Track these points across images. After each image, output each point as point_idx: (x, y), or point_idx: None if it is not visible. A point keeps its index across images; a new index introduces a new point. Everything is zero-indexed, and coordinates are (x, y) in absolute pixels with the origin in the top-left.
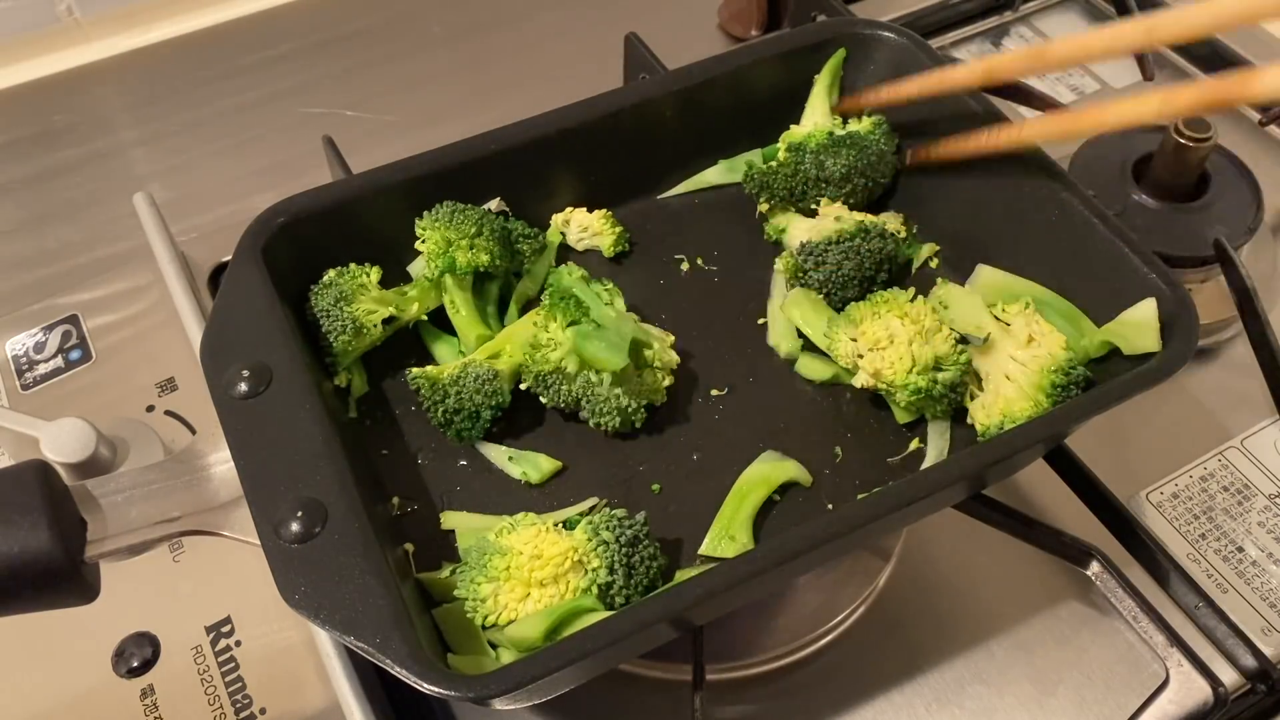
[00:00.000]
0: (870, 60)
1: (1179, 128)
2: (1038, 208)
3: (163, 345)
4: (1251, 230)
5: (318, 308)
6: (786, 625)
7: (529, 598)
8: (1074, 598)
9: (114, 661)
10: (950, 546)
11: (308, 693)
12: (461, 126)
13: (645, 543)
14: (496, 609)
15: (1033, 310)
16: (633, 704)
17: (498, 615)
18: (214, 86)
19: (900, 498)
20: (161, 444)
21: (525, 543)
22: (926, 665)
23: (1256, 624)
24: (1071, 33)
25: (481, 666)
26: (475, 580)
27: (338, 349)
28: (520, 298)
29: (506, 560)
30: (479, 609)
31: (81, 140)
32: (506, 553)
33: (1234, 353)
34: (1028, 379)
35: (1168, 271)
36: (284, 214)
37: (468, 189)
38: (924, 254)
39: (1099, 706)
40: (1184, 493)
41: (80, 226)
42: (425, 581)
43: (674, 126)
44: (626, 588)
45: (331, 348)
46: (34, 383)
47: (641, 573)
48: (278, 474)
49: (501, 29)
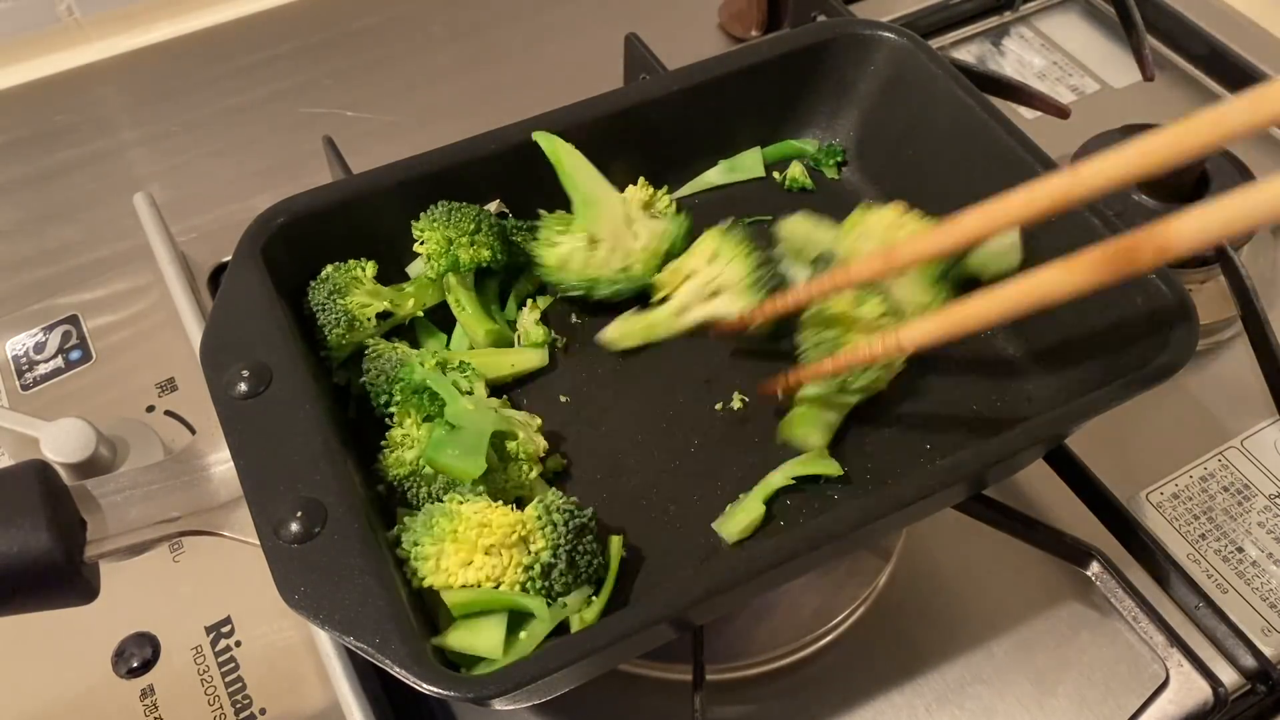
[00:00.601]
0: (870, 60)
1: None
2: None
3: (163, 345)
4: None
5: (313, 301)
6: (786, 625)
7: (471, 565)
8: (1074, 598)
9: (114, 661)
10: (950, 546)
11: (308, 693)
12: (461, 126)
13: (590, 537)
14: (438, 571)
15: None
16: (633, 704)
17: (438, 577)
18: (214, 86)
19: (900, 498)
20: (161, 444)
21: (475, 511)
22: (926, 665)
23: (1256, 624)
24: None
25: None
26: (420, 539)
27: (332, 342)
28: (520, 293)
29: (454, 524)
30: (420, 568)
31: (81, 140)
32: (454, 517)
33: (1234, 353)
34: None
35: (1168, 271)
36: (284, 214)
37: (468, 189)
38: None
39: (1099, 706)
40: (1184, 493)
41: (80, 226)
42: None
43: (674, 127)
44: (566, 576)
45: (326, 341)
46: (34, 383)
47: (583, 565)
48: (278, 474)
49: (501, 29)
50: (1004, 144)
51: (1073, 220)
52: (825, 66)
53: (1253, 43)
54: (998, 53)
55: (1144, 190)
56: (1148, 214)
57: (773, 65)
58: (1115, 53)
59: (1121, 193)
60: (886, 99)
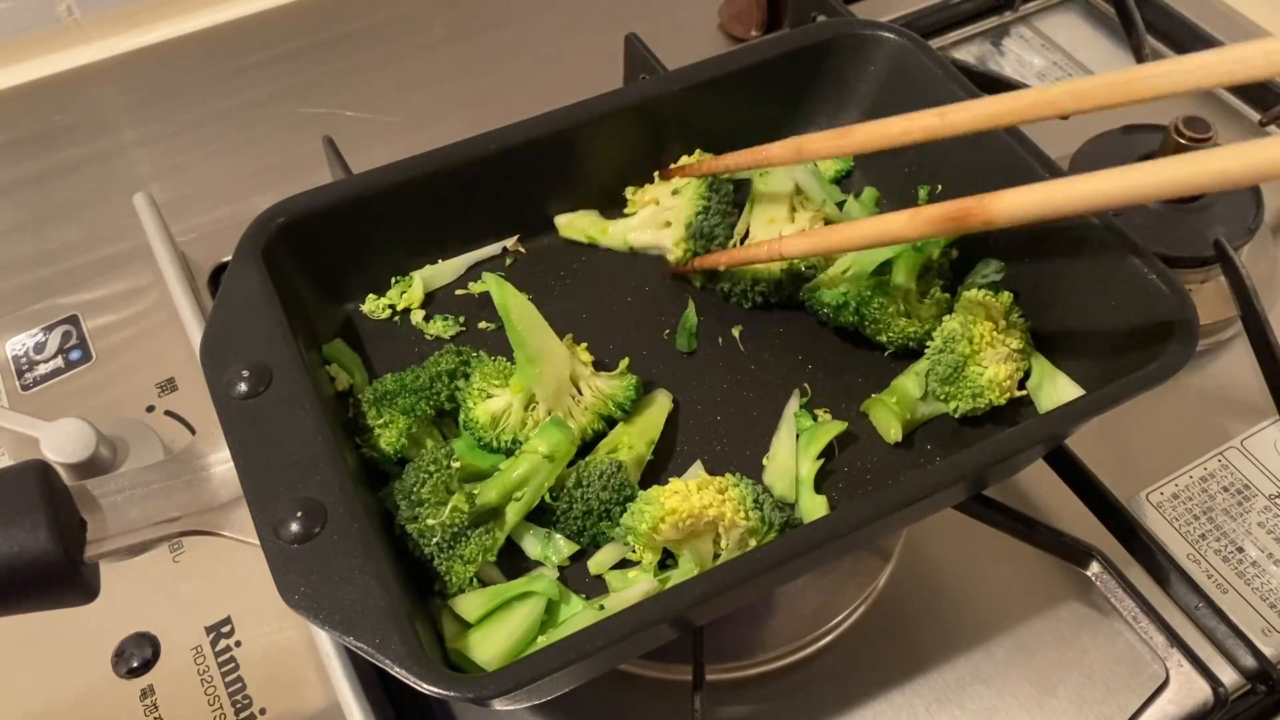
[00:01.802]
0: (870, 61)
1: (1179, 128)
2: None
3: (163, 345)
4: (1251, 230)
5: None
6: (786, 625)
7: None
8: (1074, 598)
9: (114, 661)
10: (950, 546)
11: (308, 693)
12: (461, 126)
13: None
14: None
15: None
16: (633, 704)
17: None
18: (214, 86)
19: (900, 498)
20: (161, 444)
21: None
22: (926, 665)
23: (1256, 624)
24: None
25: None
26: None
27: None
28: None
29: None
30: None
31: (81, 140)
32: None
33: (1234, 353)
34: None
35: (1168, 272)
36: (284, 214)
37: (468, 189)
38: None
39: (1099, 707)
40: (1184, 493)
41: (80, 226)
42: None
43: (674, 127)
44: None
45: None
46: (34, 383)
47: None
48: (277, 474)
49: (501, 29)
50: (1004, 144)
51: None
52: (825, 66)
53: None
54: (998, 53)
55: None
56: (1148, 213)
57: (773, 65)
58: (1115, 53)
59: None
60: (886, 99)
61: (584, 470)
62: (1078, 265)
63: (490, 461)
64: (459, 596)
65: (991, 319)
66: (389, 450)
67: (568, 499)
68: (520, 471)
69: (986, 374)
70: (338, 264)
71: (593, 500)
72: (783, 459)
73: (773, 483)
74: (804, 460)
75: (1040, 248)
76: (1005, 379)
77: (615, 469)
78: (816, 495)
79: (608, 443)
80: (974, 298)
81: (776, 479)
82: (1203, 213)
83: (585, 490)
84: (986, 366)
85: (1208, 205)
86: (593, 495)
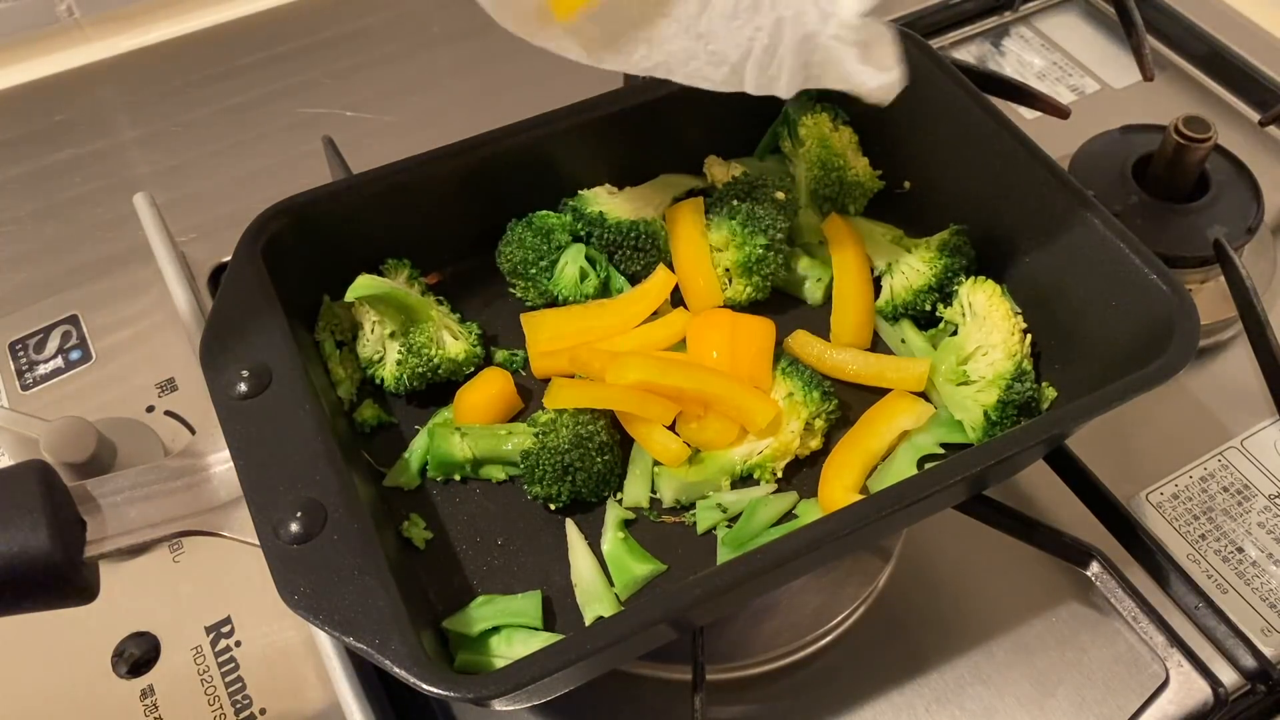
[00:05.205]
0: None
1: (1179, 128)
2: (1038, 208)
3: (163, 345)
4: (1251, 230)
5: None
6: (786, 625)
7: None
8: (1074, 598)
9: (114, 661)
10: (950, 546)
11: (308, 693)
12: (461, 126)
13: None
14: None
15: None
16: (633, 704)
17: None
18: (214, 86)
19: (900, 498)
20: (161, 444)
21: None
22: (926, 665)
23: (1256, 624)
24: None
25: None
26: None
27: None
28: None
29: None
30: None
31: (81, 140)
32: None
33: (1234, 353)
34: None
35: (1168, 272)
36: (284, 214)
37: (468, 189)
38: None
39: (1099, 707)
40: (1184, 493)
41: (80, 226)
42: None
43: (675, 128)
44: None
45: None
46: (34, 383)
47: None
48: (277, 474)
49: (501, 29)
50: (1004, 144)
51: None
52: None
53: (1253, 43)
54: (998, 53)
55: (1144, 190)
56: (1148, 213)
57: None
58: (1115, 53)
59: (1122, 193)
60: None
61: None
62: (1078, 265)
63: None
64: (459, 613)
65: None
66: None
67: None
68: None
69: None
70: (337, 264)
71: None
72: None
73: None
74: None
75: (1040, 247)
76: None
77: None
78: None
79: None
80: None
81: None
82: (1203, 212)
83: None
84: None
85: (1208, 205)
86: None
